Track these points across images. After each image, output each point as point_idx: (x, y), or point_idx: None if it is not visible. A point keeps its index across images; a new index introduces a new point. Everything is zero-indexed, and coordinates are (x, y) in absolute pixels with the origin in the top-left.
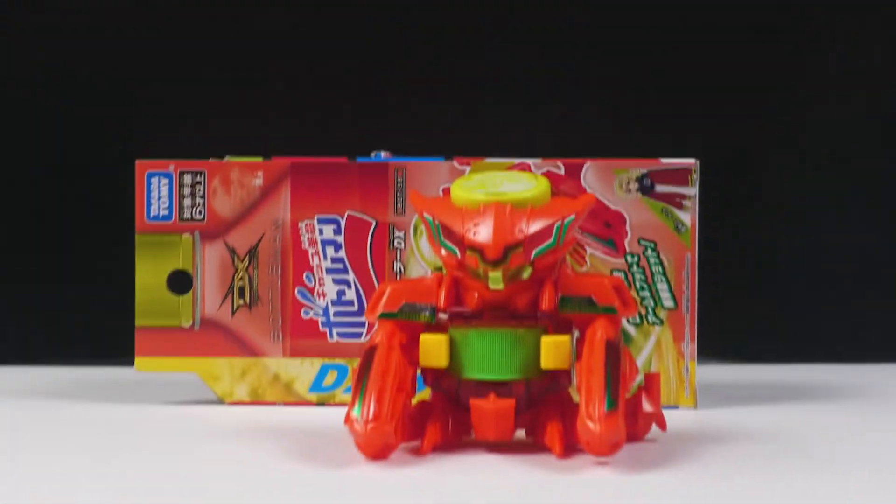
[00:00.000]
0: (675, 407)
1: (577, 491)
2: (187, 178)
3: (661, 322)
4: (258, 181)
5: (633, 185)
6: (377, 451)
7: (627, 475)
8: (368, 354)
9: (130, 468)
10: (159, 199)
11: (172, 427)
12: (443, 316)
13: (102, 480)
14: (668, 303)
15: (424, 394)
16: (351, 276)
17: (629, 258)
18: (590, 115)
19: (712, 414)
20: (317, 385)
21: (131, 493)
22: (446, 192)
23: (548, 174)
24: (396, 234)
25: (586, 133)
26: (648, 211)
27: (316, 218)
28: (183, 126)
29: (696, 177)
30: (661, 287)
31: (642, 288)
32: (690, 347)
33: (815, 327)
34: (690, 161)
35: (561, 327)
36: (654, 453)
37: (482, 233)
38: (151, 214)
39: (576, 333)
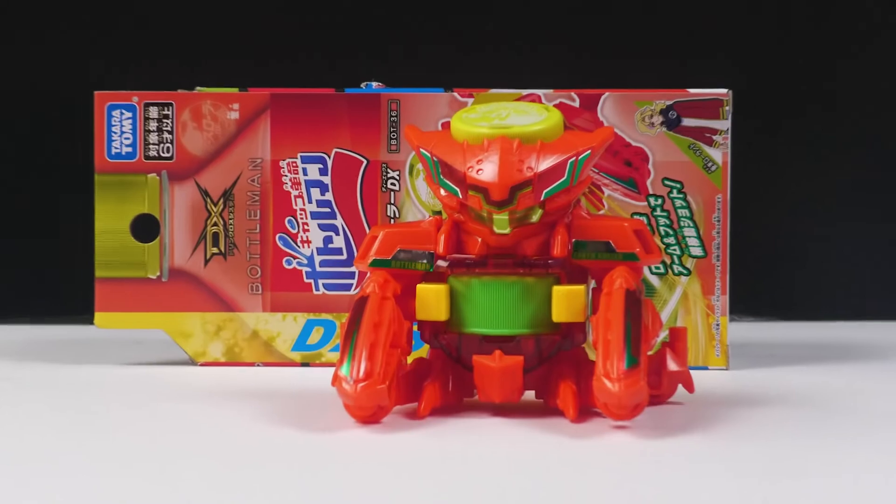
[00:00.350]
0: (705, 367)
1: (593, 458)
2: (153, 112)
3: (689, 272)
4: (234, 114)
5: (657, 119)
6: (369, 415)
7: (649, 441)
8: (358, 306)
9: (91, 438)
10: (122, 134)
11: (138, 391)
12: (442, 264)
13: (62, 450)
14: (697, 251)
15: (422, 351)
16: (339, 221)
17: (652, 201)
18: (609, 40)
19: (745, 375)
20: (301, 343)
21: (95, 466)
22: (446, 126)
23: (560, 106)
24: (390, 173)
25: (605, 61)
26: (674, 147)
27: (299, 156)
28: (149, 53)
29: (728, 109)
30: (689, 233)
31: (667, 234)
32: (721, 301)
33: (861, 279)
34: (722, 91)
35: (575, 276)
36: (679, 417)
37: (486, 170)
38: (113, 152)
39: (592, 283)
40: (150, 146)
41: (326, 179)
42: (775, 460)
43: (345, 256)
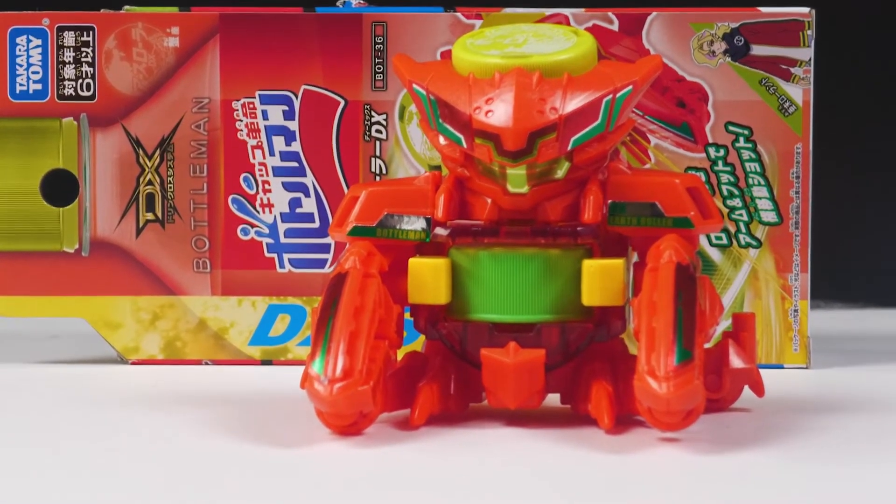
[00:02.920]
0: (779, 365)
1: (635, 479)
2: (68, 38)
3: (759, 244)
4: (172, 41)
5: (720, 46)
6: (348, 423)
7: (706, 457)
8: (335, 287)
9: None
10: (28, 67)
11: (52, 397)
12: (441, 232)
13: None
14: (769, 216)
15: (416, 343)
16: (309, 179)
17: (713, 152)
18: None
19: (830, 375)
20: (261, 335)
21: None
22: (447, 55)
23: (594, 29)
24: (375, 117)
25: None
26: (741, 83)
27: (258, 95)
28: None
29: (810, 34)
30: (759, 193)
31: (731, 195)
32: (801, 281)
33: None
34: (804, 10)
35: (611, 247)
36: (745, 427)
37: (498, 112)
38: (17, 91)
39: (633, 257)
40: (66, 83)
41: (293, 125)
42: (867, 485)
43: (317, 224)
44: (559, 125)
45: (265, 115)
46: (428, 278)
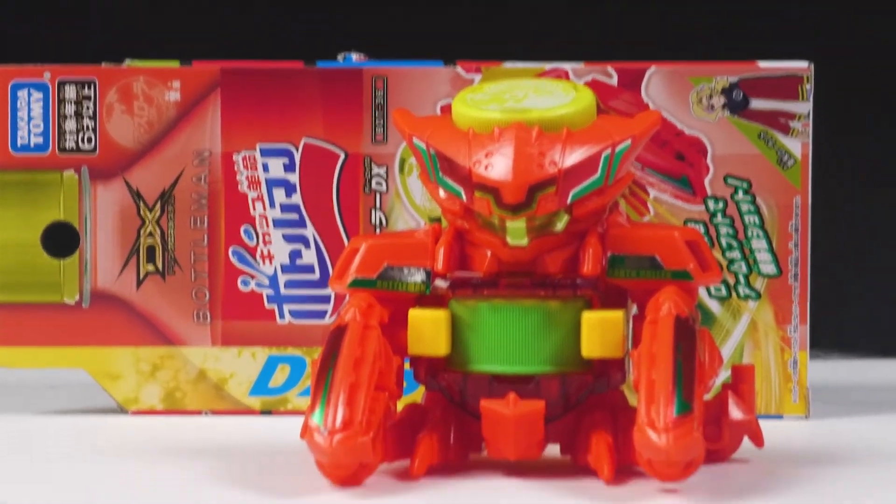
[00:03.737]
0: (778, 416)
1: None
2: (70, 91)
3: (758, 295)
4: (174, 95)
5: (718, 100)
6: (348, 474)
7: None
8: (335, 338)
9: None
10: (30, 121)
11: (51, 448)
12: (441, 284)
13: None
14: (769, 268)
15: (416, 394)
16: (310, 231)
17: (712, 204)
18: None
19: (830, 426)
20: (261, 386)
21: None
22: (447, 109)
23: (593, 84)
24: (375, 170)
25: (650, 27)
26: (740, 136)
27: (258, 148)
28: (65, 15)
29: (809, 87)
30: (758, 245)
31: (730, 247)
32: (800, 332)
33: None
34: (802, 64)
35: (610, 299)
36: (744, 478)
37: (497, 166)
38: (19, 144)
39: (633, 309)
40: (67, 135)
41: (293, 178)
42: None
43: (317, 275)
44: (558, 179)
45: (266, 168)
46: (428, 330)
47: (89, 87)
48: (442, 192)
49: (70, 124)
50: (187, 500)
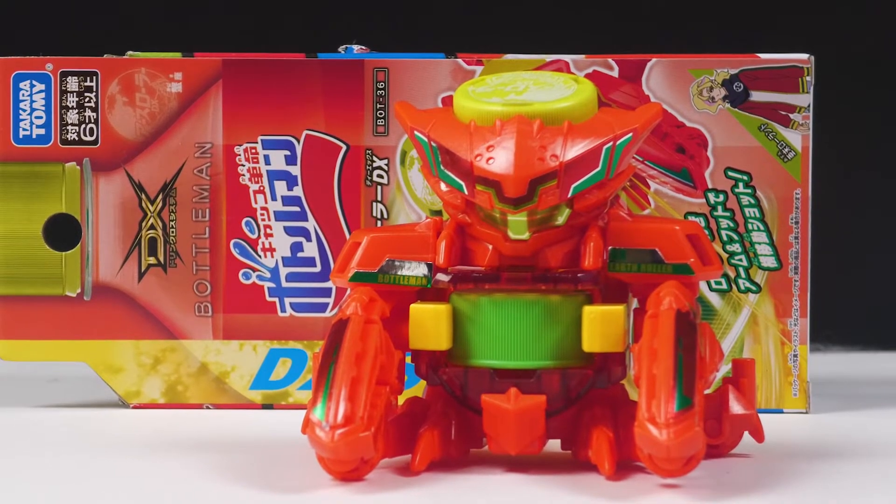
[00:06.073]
0: (779, 410)
1: None
2: (72, 83)
3: (758, 289)
4: (175, 87)
5: (719, 92)
6: (349, 469)
7: (707, 503)
8: (336, 332)
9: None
10: (31, 112)
11: (53, 442)
12: (443, 278)
13: None
14: (769, 261)
15: (417, 389)
16: (311, 223)
17: (712, 197)
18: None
19: (830, 420)
20: (262, 380)
21: None
22: (448, 102)
23: (594, 76)
24: (376, 162)
25: (651, 20)
26: (741, 129)
27: (260, 140)
28: (67, 10)
29: (810, 80)
30: (759, 238)
31: (731, 240)
32: (800, 325)
33: None
34: (803, 57)
35: (611, 294)
36: (745, 473)
37: (499, 159)
38: (20, 135)
39: (633, 303)
40: (69, 127)
41: (295, 170)
42: None
43: (318, 268)
44: (560, 172)
45: (267, 160)
46: (429, 324)
47: (91, 79)
48: (443, 186)
49: (72, 116)
50: (188, 493)
